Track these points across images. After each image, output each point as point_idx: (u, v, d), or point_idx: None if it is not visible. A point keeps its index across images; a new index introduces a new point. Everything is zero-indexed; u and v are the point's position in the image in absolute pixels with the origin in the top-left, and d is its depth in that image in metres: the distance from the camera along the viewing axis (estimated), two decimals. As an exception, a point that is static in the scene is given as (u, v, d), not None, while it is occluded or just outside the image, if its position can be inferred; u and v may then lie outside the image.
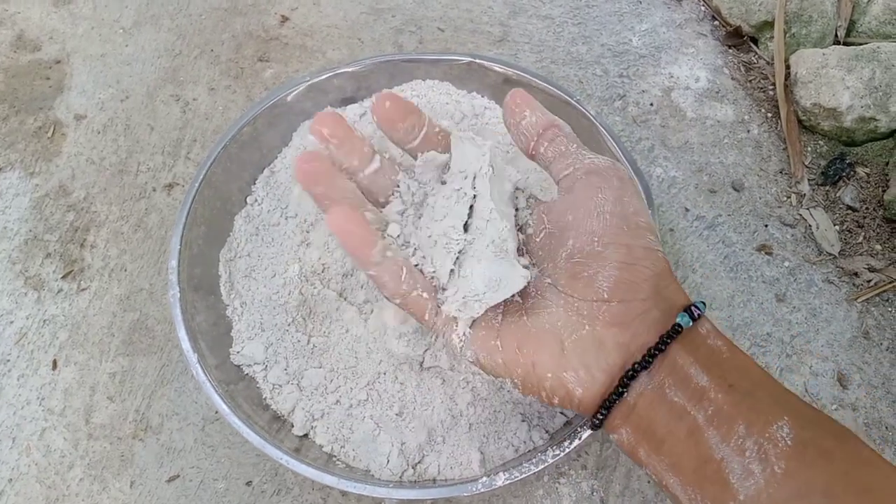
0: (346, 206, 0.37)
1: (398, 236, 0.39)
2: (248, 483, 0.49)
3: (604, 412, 0.34)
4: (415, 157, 0.42)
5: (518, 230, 0.40)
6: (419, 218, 0.40)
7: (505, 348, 0.36)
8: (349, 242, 0.36)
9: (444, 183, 0.41)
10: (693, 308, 0.34)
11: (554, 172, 0.39)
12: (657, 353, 0.33)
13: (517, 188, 0.41)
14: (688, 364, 0.33)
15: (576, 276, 0.35)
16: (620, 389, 0.33)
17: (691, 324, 0.33)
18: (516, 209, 0.41)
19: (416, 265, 0.38)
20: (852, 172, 0.60)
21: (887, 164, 0.60)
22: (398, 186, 0.41)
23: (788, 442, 0.29)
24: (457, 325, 0.37)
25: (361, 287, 0.50)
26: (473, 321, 0.37)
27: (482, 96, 0.58)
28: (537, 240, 0.39)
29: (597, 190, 0.36)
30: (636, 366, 0.33)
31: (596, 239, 0.35)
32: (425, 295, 0.37)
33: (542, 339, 0.35)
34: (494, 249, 0.37)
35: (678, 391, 0.32)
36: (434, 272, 0.38)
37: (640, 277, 0.34)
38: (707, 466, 0.31)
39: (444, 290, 0.38)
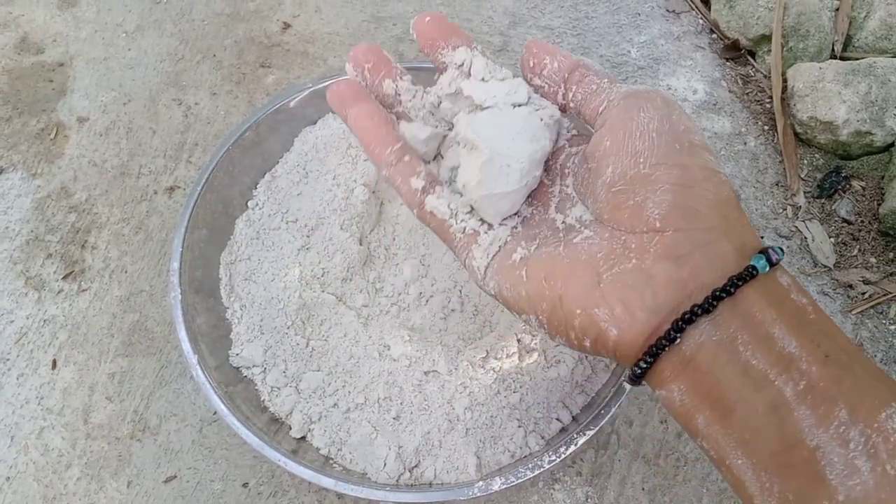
0: (371, 104, 0.35)
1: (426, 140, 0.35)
2: (245, 485, 0.49)
3: (649, 360, 0.28)
4: None
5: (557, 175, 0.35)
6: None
7: (530, 278, 0.30)
8: (365, 137, 0.34)
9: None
10: (771, 251, 0.27)
11: (588, 114, 0.33)
12: (724, 296, 0.27)
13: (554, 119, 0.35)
14: (769, 320, 0.27)
15: (619, 206, 0.29)
16: (673, 334, 0.27)
17: (768, 269, 0.27)
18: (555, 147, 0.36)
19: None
20: (848, 186, 0.61)
21: (882, 177, 0.61)
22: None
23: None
24: (478, 239, 0.33)
25: (360, 291, 0.51)
26: (499, 248, 0.33)
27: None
28: (579, 180, 0.33)
29: (637, 110, 0.30)
30: (696, 308, 0.27)
31: (641, 161, 0.29)
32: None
33: (574, 270, 0.29)
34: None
35: (757, 352, 0.26)
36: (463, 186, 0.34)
37: (702, 202, 0.28)
38: (793, 452, 0.25)
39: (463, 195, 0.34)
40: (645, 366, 0.28)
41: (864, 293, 0.56)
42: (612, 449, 0.50)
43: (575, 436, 0.43)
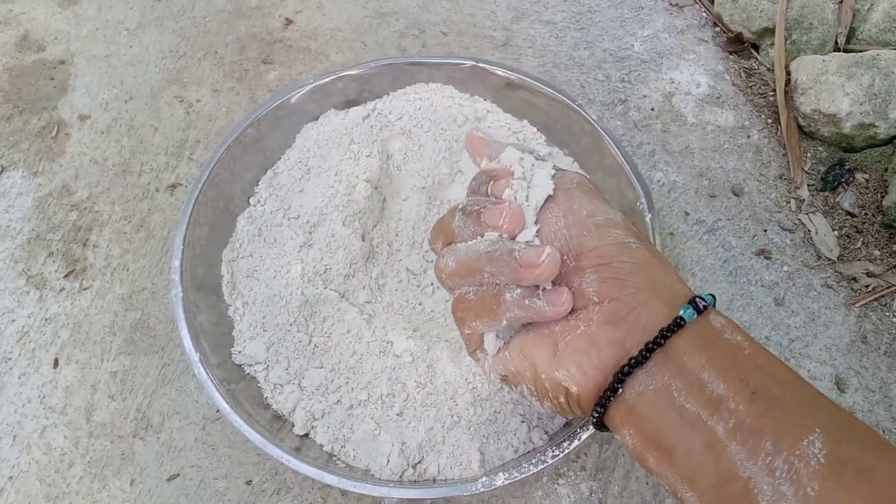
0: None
1: None
2: (248, 482, 0.49)
3: (599, 410, 0.32)
4: None
5: None
6: None
7: (512, 357, 0.36)
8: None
9: None
10: (698, 300, 0.31)
11: None
12: (655, 347, 0.31)
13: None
14: (699, 366, 0.30)
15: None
16: (615, 385, 0.31)
17: (696, 317, 0.31)
18: None
19: None
20: (851, 178, 0.61)
21: (886, 170, 0.61)
22: None
23: (822, 459, 0.27)
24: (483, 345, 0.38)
25: (363, 288, 0.51)
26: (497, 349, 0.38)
27: (484, 100, 0.58)
28: None
29: (547, 212, 0.35)
30: (631, 360, 0.31)
31: (566, 258, 0.34)
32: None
33: (538, 342, 0.35)
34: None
35: (690, 397, 0.30)
36: None
37: (623, 272, 0.33)
38: (730, 485, 0.28)
39: None
40: (597, 415, 0.33)
41: (867, 286, 0.56)
42: (615, 443, 0.50)
43: (578, 430, 0.43)
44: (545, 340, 0.34)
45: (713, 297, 0.33)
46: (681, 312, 0.31)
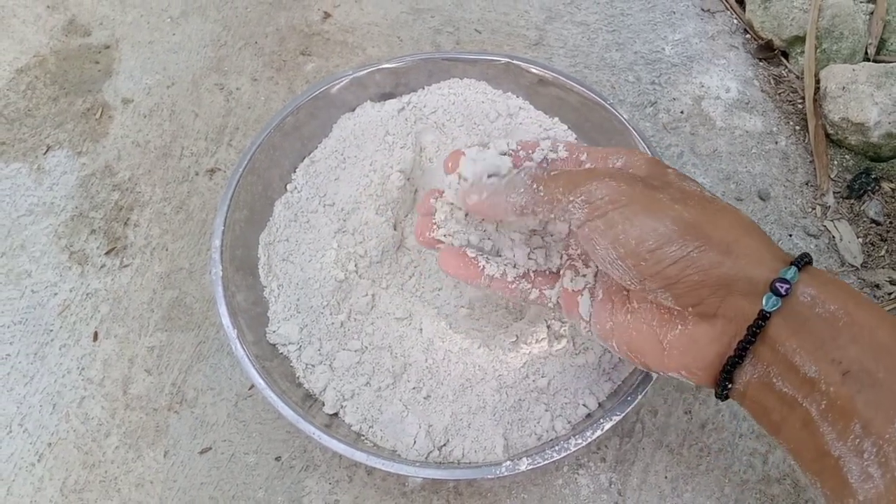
0: (452, 250, 0.43)
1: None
2: (278, 458, 0.50)
3: (720, 400, 0.35)
4: None
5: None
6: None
7: (619, 348, 0.38)
8: (462, 277, 0.43)
9: None
10: (779, 285, 0.31)
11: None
12: (748, 346, 0.32)
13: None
14: (791, 351, 0.31)
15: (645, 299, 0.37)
16: (724, 382, 0.34)
17: (780, 304, 0.31)
18: None
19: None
20: (877, 187, 0.61)
21: (912, 180, 0.61)
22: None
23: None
24: (579, 304, 0.40)
25: (394, 275, 0.52)
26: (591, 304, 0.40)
27: (517, 96, 0.60)
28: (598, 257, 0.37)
29: (593, 243, 0.35)
30: (731, 360, 0.33)
31: (631, 283, 0.35)
32: (533, 288, 0.43)
33: (643, 341, 0.37)
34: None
35: (786, 381, 0.31)
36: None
37: (691, 286, 0.33)
38: (825, 460, 0.30)
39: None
40: (720, 400, 0.35)
41: (890, 293, 0.57)
42: (636, 437, 0.51)
43: (601, 421, 0.44)
44: (649, 339, 0.36)
45: (805, 258, 0.32)
46: (763, 304, 0.31)
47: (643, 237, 0.33)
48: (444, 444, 0.46)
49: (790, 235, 0.59)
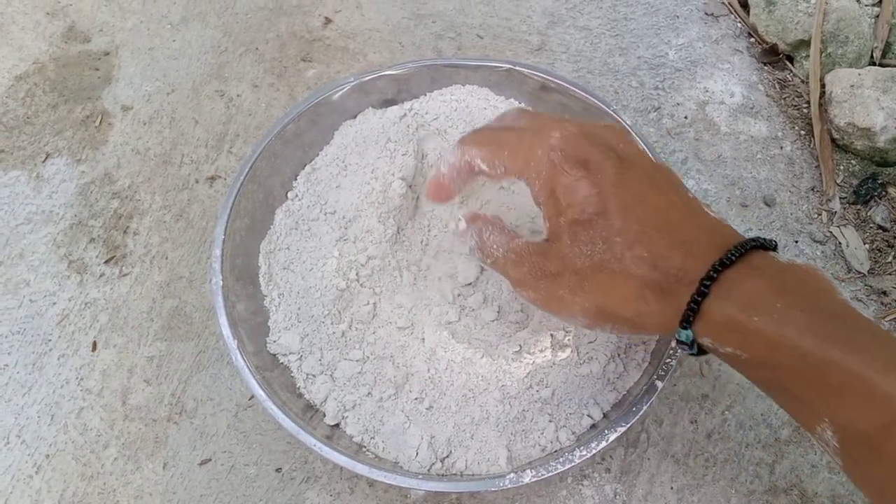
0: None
1: None
2: (278, 470, 0.50)
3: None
4: None
5: None
6: None
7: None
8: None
9: None
10: (678, 346, 0.37)
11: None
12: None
13: None
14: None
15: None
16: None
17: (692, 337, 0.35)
18: None
19: None
20: (884, 192, 0.61)
21: (920, 185, 0.61)
22: None
23: (836, 444, 0.31)
24: None
25: (396, 284, 0.52)
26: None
27: (519, 103, 0.59)
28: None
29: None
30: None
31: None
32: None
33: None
34: None
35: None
36: None
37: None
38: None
39: None
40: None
41: (898, 301, 0.56)
42: (641, 447, 0.50)
43: (606, 432, 0.43)
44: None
45: (708, 280, 0.34)
46: (677, 336, 0.35)
47: (565, 318, 0.39)
48: (447, 456, 0.46)
49: (796, 242, 0.59)
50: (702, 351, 0.36)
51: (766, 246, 0.35)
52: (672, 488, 0.49)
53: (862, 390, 0.30)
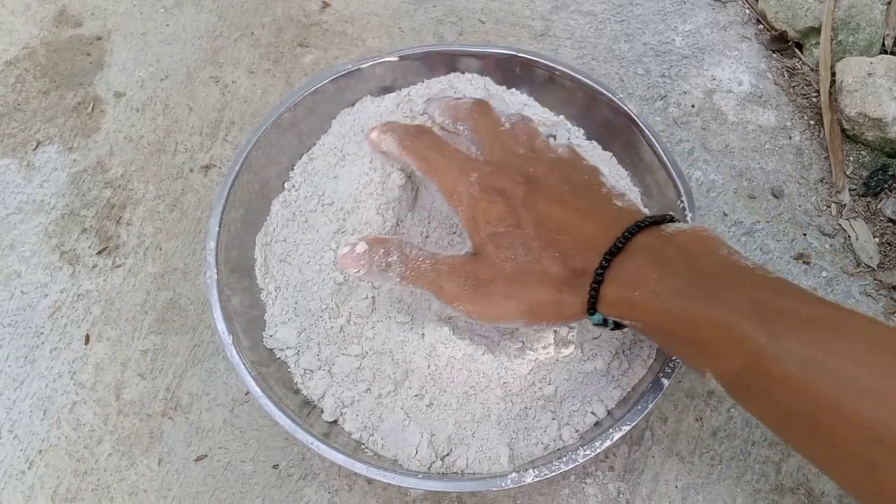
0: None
1: None
2: (275, 466, 0.49)
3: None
4: None
5: None
6: None
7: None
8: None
9: None
10: (592, 319, 0.41)
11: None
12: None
13: None
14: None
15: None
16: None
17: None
18: None
19: None
20: (894, 184, 0.59)
21: (931, 177, 0.59)
22: None
23: (722, 388, 0.36)
24: None
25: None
26: None
27: (521, 92, 0.58)
28: None
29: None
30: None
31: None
32: None
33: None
34: None
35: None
36: None
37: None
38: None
39: None
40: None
41: (908, 295, 0.55)
42: (645, 445, 0.49)
43: (610, 430, 0.43)
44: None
45: (614, 251, 0.38)
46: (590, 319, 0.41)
47: (504, 324, 0.44)
48: (448, 454, 0.45)
49: (804, 234, 0.57)
50: (618, 325, 0.41)
51: (660, 221, 0.39)
52: (677, 487, 0.48)
53: (724, 339, 0.34)
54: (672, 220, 0.40)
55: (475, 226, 0.42)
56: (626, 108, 0.53)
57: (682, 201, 0.50)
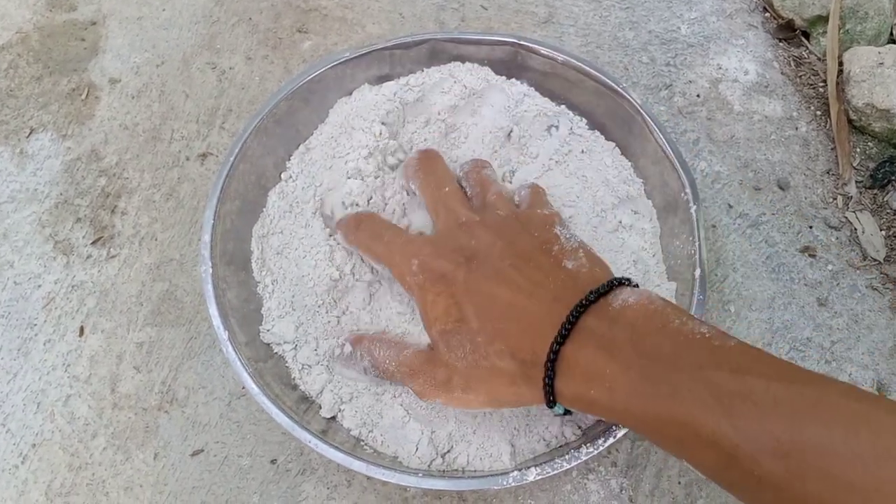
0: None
1: None
2: (273, 461, 0.48)
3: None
4: None
5: None
6: None
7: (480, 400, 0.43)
8: None
9: None
10: (557, 412, 0.40)
11: None
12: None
13: None
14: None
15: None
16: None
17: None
18: None
19: None
20: (902, 176, 0.59)
21: (939, 169, 0.58)
22: None
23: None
24: None
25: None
26: None
27: (522, 83, 0.56)
28: None
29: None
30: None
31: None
32: None
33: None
34: None
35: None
36: None
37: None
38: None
39: None
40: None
41: (915, 290, 0.54)
42: (647, 441, 0.49)
43: (613, 427, 0.42)
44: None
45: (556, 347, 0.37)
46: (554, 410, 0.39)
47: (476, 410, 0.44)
48: (448, 451, 0.44)
49: (810, 227, 0.57)
50: None
51: (608, 290, 0.38)
52: (680, 483, 0.48)
53: (694, 438, 0.32)
54: (621, 283, 0.39)
55: (427, 320, 0.42)
56: (629, 97, 0.52)
57: (686, 193, 0.49)
